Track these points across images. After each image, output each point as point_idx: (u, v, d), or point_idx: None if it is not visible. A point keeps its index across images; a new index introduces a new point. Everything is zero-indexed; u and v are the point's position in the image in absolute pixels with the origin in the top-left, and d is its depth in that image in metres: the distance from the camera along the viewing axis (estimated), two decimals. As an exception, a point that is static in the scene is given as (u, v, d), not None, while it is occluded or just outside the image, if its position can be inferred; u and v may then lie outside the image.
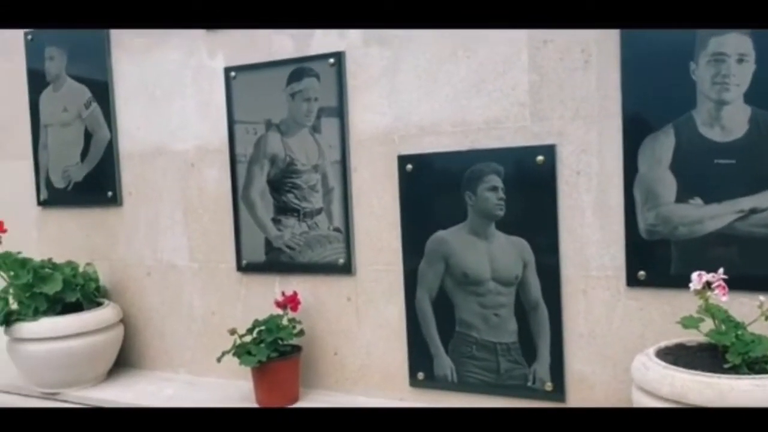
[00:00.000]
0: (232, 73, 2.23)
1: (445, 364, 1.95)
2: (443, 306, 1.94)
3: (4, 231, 2.30)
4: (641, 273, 1.70)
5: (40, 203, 2.67)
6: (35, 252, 2.48)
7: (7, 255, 2.31)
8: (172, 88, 2.36)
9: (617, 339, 1.75)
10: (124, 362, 2.50)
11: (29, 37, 2.61)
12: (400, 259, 2.00)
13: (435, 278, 1.94)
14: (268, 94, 2.18)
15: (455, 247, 1.91)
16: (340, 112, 2.06)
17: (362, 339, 2.10)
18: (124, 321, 2.47)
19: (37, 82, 2.61)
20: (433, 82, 1.93)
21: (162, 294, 2.46)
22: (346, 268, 2.09)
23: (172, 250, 2.43)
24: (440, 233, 1.93)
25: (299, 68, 2.11)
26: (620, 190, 1.71)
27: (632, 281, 1.72)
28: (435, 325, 1.96)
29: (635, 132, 1.68)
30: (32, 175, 2.66)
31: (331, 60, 2.06)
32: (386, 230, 2.03)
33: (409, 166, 1.96)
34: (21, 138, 2.68)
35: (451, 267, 1.92)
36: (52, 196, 2.63)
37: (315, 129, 2.11)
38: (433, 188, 1.94)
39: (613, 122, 1.71)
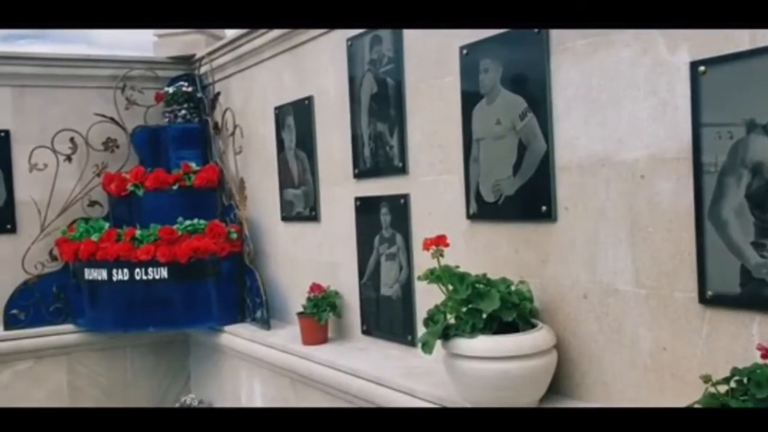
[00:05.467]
0: (701, 68, 1.87)
1: None
2: None
3: (447, 245, 2.32)
4: None
5: (469, 217, 2.67)
6: (463, 265, 2.47)
7: (447, 268, 2.32)
8: (620, 91, 2.10)
9: None
10: (555, 389, 2.32)
11: (464, 52, 2.63)
12: None
13: None
14: (751, 89, 1.77)
15: None
16: None
17: None
18: (557, 345, 2.29)
19: (470, 96, 2.62)
20: None
21: (600, 320, 2.22)
22: None
23: (614, 272, 2.16)
24: None
25: (801, 52, 1.66)
26: None
27: None
28: None
29: None
30: (462, 188, 2.68)
31: None
32: None
33: None
34: (453, 153, 2.72)
35: None
36: (482, 210, 2.61)
37: (825, 128, 1.63)
38: None
39: None
